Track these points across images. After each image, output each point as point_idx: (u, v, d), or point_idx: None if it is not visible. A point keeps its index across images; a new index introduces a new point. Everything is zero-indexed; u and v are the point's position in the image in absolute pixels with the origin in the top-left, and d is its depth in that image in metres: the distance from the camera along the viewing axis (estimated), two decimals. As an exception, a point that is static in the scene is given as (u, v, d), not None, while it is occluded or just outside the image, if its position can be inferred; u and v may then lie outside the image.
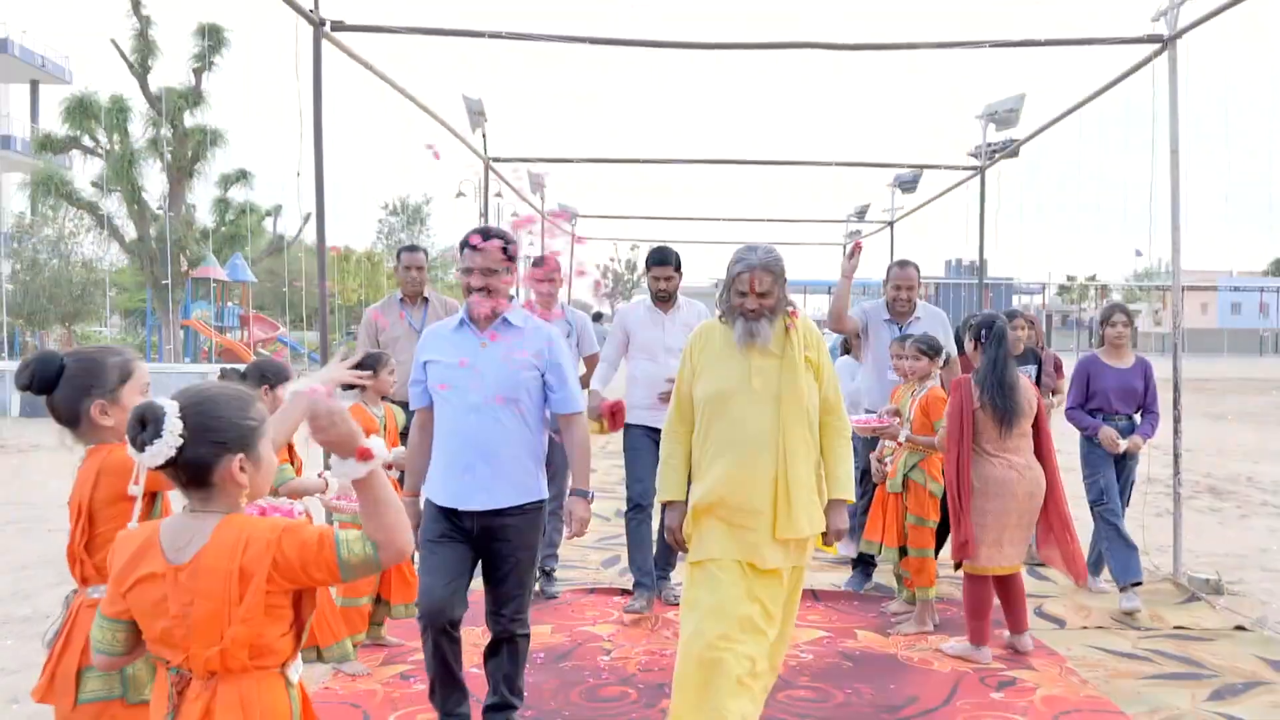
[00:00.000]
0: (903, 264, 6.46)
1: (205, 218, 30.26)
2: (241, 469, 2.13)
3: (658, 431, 4.20)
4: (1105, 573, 6.38)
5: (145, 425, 2.06)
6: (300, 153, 6.33)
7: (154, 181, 27.80)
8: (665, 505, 3.96)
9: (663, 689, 4.48)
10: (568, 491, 4.12)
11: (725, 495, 3.63)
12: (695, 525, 3.74)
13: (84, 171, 28.05)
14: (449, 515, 3.80)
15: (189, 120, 27.41)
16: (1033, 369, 6.73)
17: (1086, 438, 6.29)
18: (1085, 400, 6.27)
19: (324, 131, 6.33)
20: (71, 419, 2.65)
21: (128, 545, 2.14)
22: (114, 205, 27.41)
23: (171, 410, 2.07)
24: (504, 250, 3.76)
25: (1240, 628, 5.60)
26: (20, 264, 29.60)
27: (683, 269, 5.91)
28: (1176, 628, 5.63)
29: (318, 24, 6.27)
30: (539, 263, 6.27)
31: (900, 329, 6.21)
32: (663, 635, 5.40)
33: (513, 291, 3.94)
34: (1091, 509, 6.26)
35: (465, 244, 3.79)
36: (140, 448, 2.06)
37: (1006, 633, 5.24)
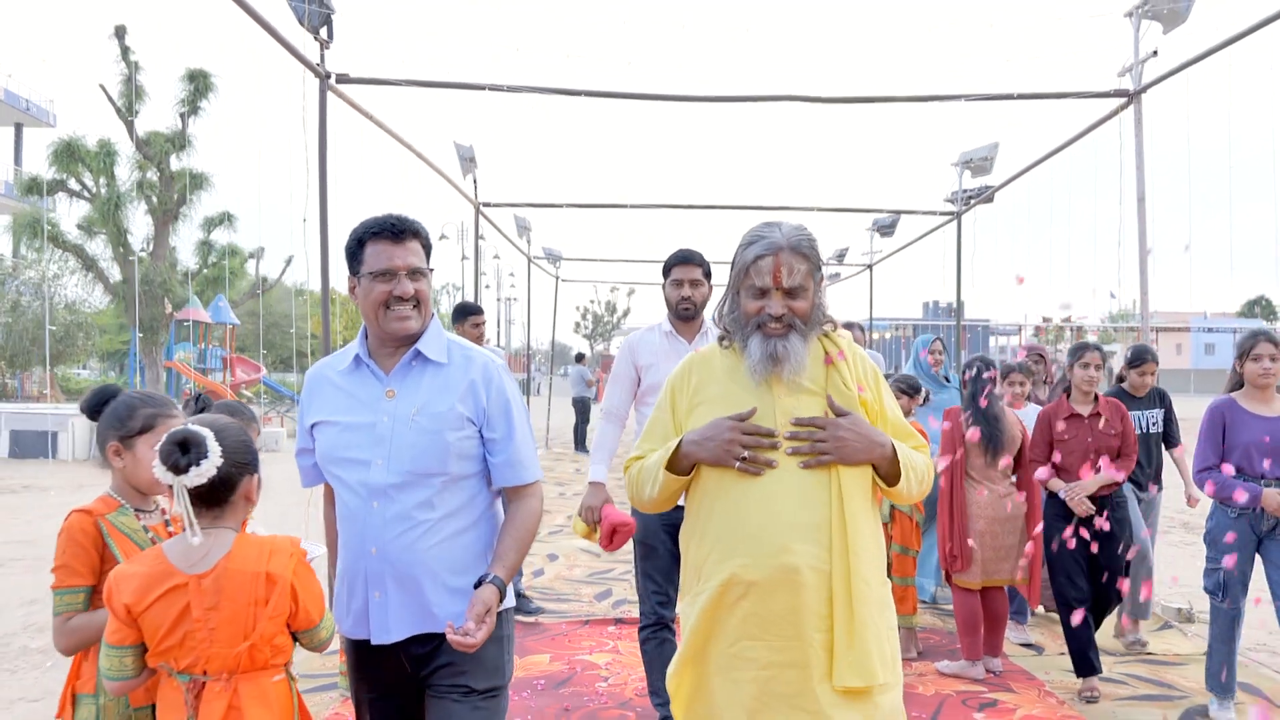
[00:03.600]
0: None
1: (187, 259, 30.44)
2: (256, 488, 2.40)
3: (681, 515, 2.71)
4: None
5: (187, 450, 2.23)
6: (307, 200, 6.60)
7: (138, 224, 28.02)
8: (679, 449, 2.49)
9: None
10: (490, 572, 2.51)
11: (745, 613, 2.36)
12: (687, 667, 2.46)
13: (69, 214, 28.23)
14: (365, 652, 2.57)
15: (175, 164, 27.64)
16: (1158, 414, 6.04)
17: (1224, 507, 4.75)
18: (1220, 458, 4.75)
19: (329, 180, 6.60)
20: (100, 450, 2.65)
21: (133, 576, 2.25)
22: (99, 248, 27.57)
23: (210, 435, 2.27)
24: (425, 246, 2.62)
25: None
26: (3, 306, 29.66)
27: (712, 280, 4.33)
28: (1148, 654, 5.88)
29: (324, 77, 6.55)
30: (473, 309, 6.25)
31: None
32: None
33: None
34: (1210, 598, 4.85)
35: (368, 237, 2.54)
36: (183, 469, 2.22)
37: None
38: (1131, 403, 5.92)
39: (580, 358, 22.17)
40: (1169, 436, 6.15)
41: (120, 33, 26.84)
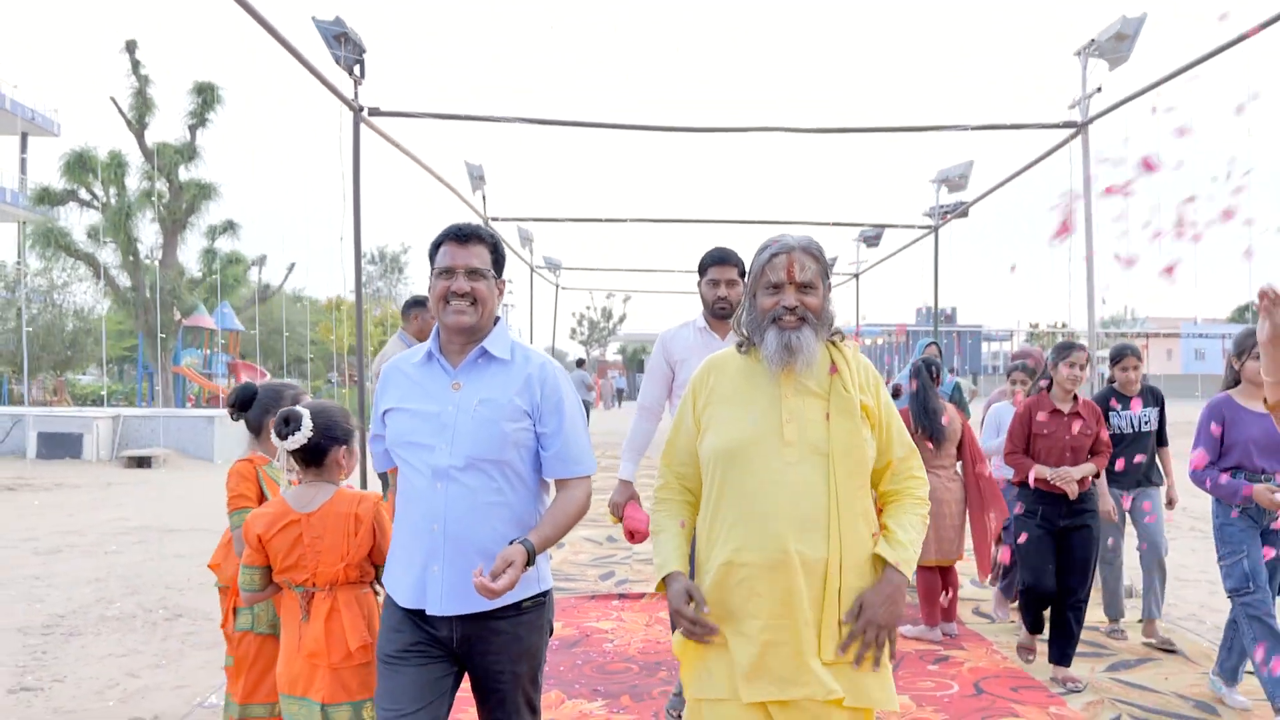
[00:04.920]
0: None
1: (191, 267, 31.08)
2: (346, 455, 3.19)
3: None
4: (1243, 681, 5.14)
5: (289, 424, 3.06)
6: (344, 219, 7.38)
7: (147, 232, 28.73)
8: (664, 580, 2.67)
9: (659, 665, 5.51)
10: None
11: (746, 592, 2.54)
12: (694, 643, 2.62)
13: (79, 223, 28.91)
14: (415, 620, 2.78)
15: (183, 174, 28.36)
16: (1152, 412, 6.10)
17: (1223, 505, 4.80)
18: (1218, 455, 4.79)
19: (362, 203, 7.39)
20: (257, 430, 3.61)
21: (263, 515, 3.06)
22: (109, 256, 28.28)
23: (307, 415, 3.09)
24: (493, 253, 2.90)
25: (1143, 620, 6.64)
26: (14, 313, 30.33)
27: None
28: (1097, 622, 6.65)
29: (358, 111, 7.34)
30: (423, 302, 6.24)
31: None
32: (656, 629, 6.39)
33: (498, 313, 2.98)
34: (1231, 599, 4.77)
35: (443, 240, 2.86)
36: (285, 438, 3.06)
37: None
38: (1125, 401, 6.03)
39: (580, 363, 22.98)
40: (1160, 436, 6.18)
41: (131, 47, 27.64)
